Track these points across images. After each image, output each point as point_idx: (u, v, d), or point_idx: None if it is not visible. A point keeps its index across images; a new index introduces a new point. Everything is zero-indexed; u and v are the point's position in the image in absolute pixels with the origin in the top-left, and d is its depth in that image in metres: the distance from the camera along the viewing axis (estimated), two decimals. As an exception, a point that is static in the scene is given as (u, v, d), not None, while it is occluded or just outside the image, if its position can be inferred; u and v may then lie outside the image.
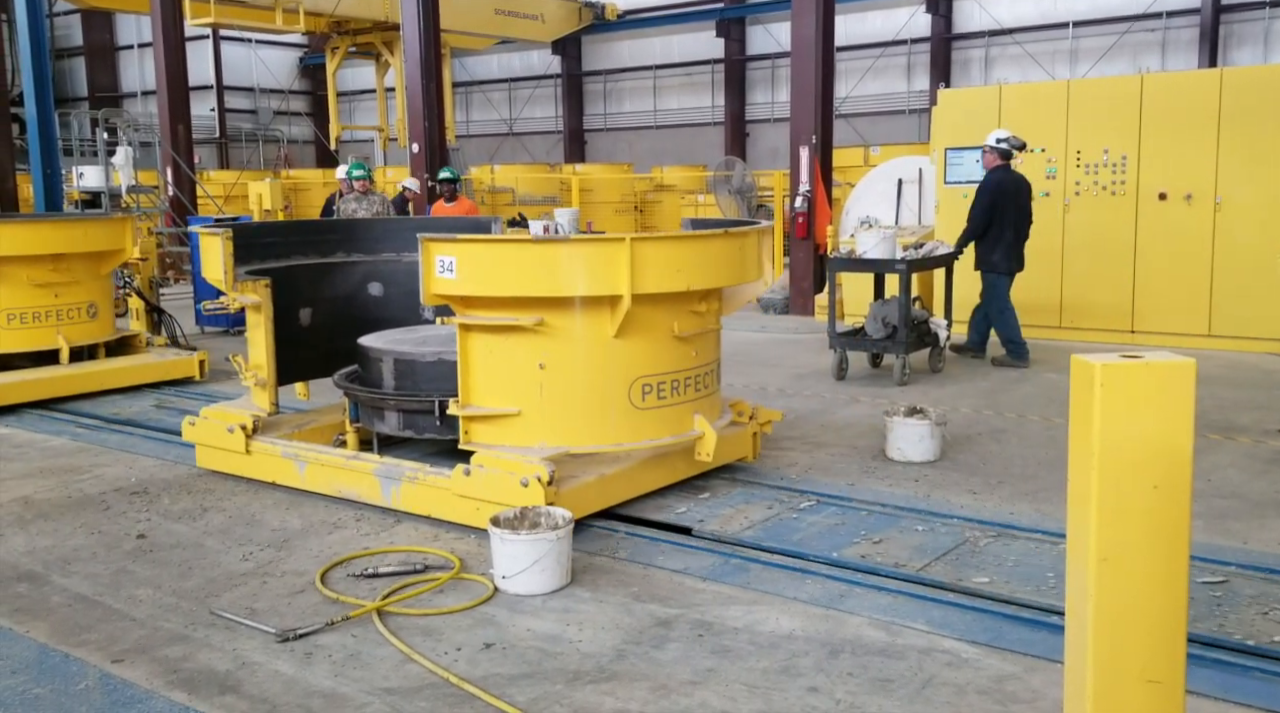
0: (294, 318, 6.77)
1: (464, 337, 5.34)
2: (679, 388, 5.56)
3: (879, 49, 27.63)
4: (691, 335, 5.55)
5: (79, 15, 35.55)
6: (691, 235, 5.70)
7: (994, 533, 5.12)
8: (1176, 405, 2.37)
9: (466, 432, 5.40)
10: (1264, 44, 22.81)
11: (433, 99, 16.40)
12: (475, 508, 5.18)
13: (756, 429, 6.30)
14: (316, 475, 5.89)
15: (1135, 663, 2.42)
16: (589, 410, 5.36)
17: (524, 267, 5.16)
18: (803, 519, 5.40)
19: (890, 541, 5.04)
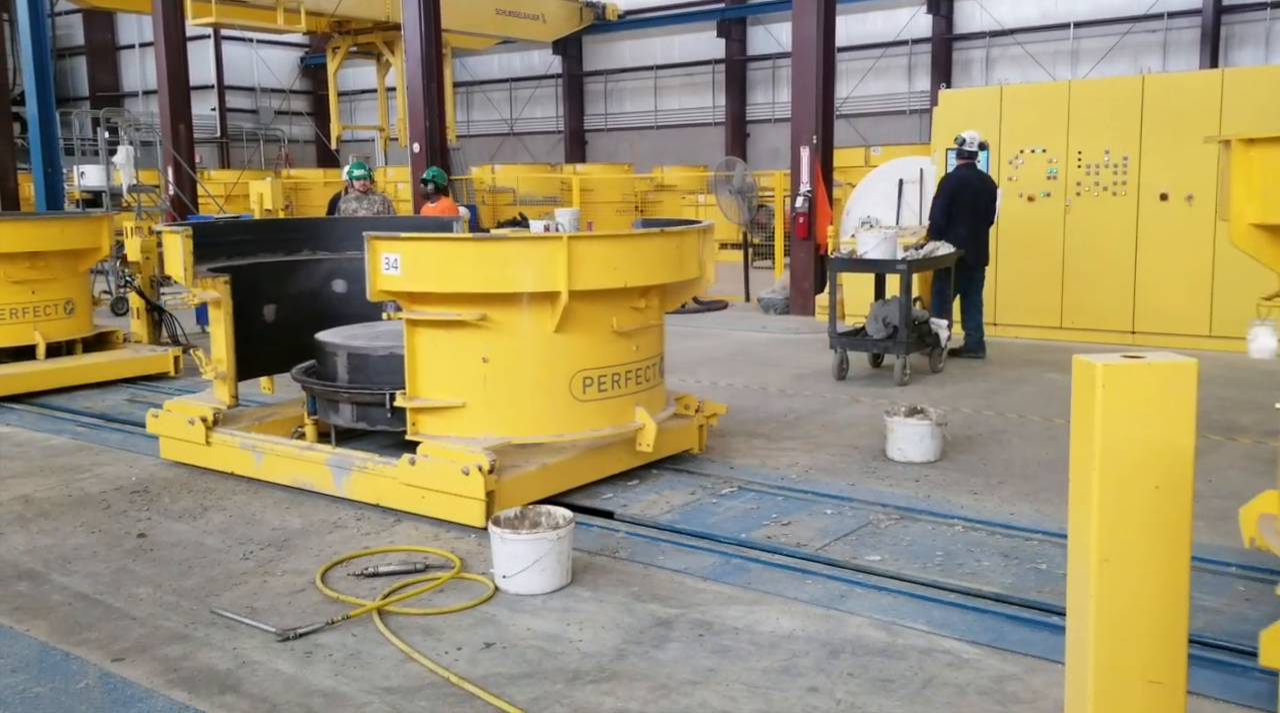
0: (258, 314, 6.97)
1: (410, 331, 5.55)
2: (620, 381, 5.78)
3: (880, 49, 27.64)
4: (632, 331, 5.77)
5: (80, 15, 35.59)
6: (627, 234, 5.93)
7: (896, 516, 5.39)
8: (1178, 406, 2.37)
9: (414, 423, 5.60)
10: (1265, 45, 22.81)
11: (434, 99, 16.41)
12: (420, 496, 5.39)
13: (703, 422, 6.52)
14: (272, 466, 6.08)
15: (1136, 664, 2.42)
16: (531, 402, 5.57)
17: (465, 264, 5.39)
18: (720, 504, 5.63)
19: (798, 524, 5.29)
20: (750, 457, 6.52)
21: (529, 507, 4.70)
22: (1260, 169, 3.41)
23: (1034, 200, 10.91)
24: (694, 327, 12.61)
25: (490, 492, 5.18)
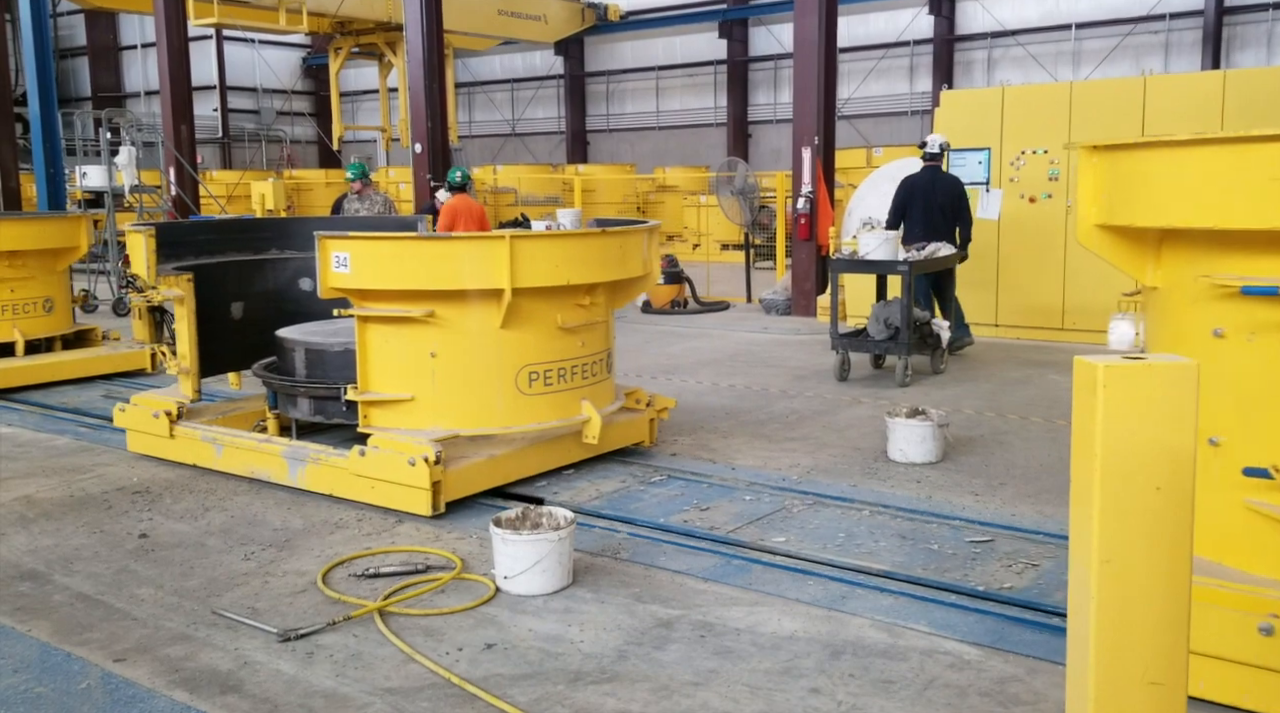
0: (226, 311, 7.18)
1: (361, 328, 5.76)
2: (566, 376, 6.00)
3: (882, 50, 27.64)
4: (577, 327, 5.98)
5: (82, 15, 35.63)
6: (568, 234, 6.25)
7: (809, 501, 5.68)
8: (1179, 407, 2.37)
9: (365, 416, 5.82)
10: (1267, 46, 22.80)
11: (436, 99, 16.41)
12: (370, 486, 5.61)
13: (653, 415, 6.74)
14: (232, 458, 6.30)
15: (1137, 665, 2.42)
16: (478, 396, 5.78)
17: (411, 262, 5.61)
18: (647, 492, 5.89)
19: (716, 509, 5.56)
20: (751, 458, 6.52)
21: (530, 508, 4.71)
22: (1103, 174, 3.64)
23: (1035, 201, 10.90)
24: (695, 327, 12.61)
25: (436, 482, 5.40)
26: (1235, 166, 3.20)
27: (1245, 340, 3.33)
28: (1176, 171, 3.37)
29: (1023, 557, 4.75)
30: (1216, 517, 3.42)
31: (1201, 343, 3.42)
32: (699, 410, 7.91)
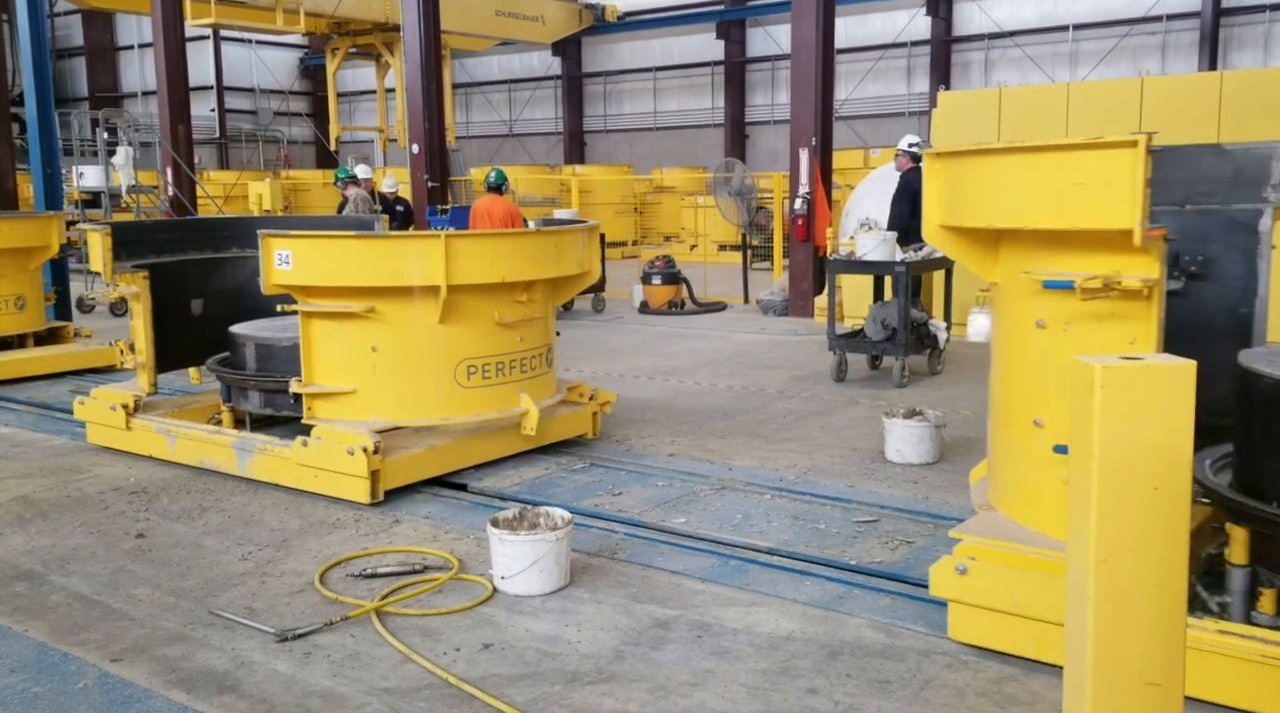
0: (186, 308, 7.39)
1: (305, 323, 6.00)
2: (504, 369, 6.23)
3: (879, 51, 27.66)
4: (515, 322, 6.22)
5: (79, 15, 35.59)
6: (503, 233, 6.59)
7: (718, 486, 5.96)
8: (1176, 408, 2.37)
9: (310, 408, 6.05)
10: (1264, 47, 22.83)
11: (433, 100, 16.42)
12: (314, 475, 5.82)
13: (596, 409, 6.99)
14: (185, 449, 6.55)
15: (1134, 666, 2.42)
16: (417, 388, 6.01)
17: (350, 260, 5.84)
18: (568, 479, 6.18)
19: (629, 494, 5.84)
20: (748, 458, 6.52)
21: (527, 508, 4.71)
22: (944, 178, 3.96)
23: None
24: (693, 328, 12.61)
25: (375, 471, 5.63)
26: (1038, 172, 3.52)
27: (1062, 330, 3.65)
28: (995, 177, 3.71)
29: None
30: (1040, 491, 3.80)
31: (1027, 333, 3.77)
32: (697, 411, 7.91)
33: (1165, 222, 4.03)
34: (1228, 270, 4.28)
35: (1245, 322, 4.27)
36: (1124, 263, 3.45)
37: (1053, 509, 3.72)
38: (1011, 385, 4.00)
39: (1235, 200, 4.28)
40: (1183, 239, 4.26)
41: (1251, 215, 4.22)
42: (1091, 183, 3.38)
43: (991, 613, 3.74)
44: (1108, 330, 3.54)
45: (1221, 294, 4.30)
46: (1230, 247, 4.26)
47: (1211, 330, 4.24)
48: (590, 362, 10.18)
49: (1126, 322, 3.51)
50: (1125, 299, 3.48)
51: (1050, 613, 3.50)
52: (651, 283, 14.33)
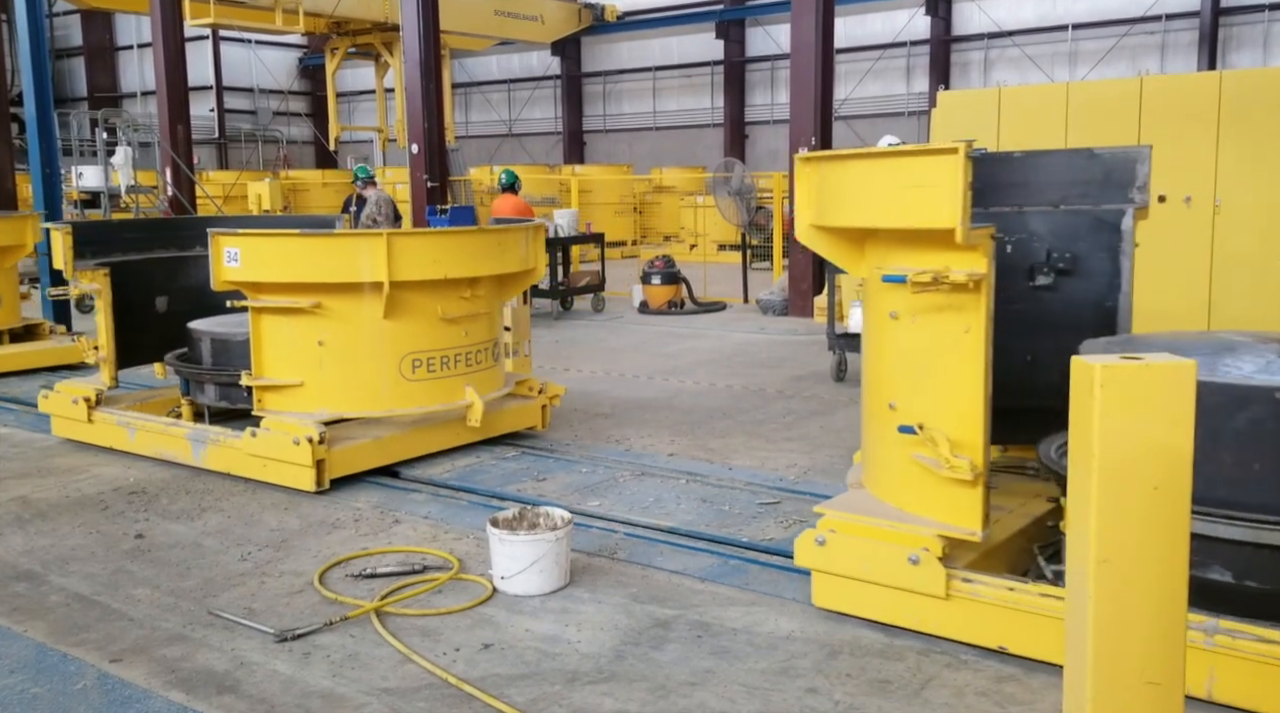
0: (151, 305, 7.61)
1: (255, 318, 6.22)
2: (449, 363, 6.45)
3: (878, 51, 27.66)
4: (459, 317, 6.43)
5: (78, 15, 35.57)
6: (445, 231, 6.86)
7: (638, 472, 6.25)
8: (1176, 406, 2.37)
9: (260, 400, 6.28)
10: (1263, 47, 22.83)
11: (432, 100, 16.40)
12: (263, 465, 6.07)
13: (545, 402, 7.20)
14: (143, 440, 6.78)
15: (1134, 665, 2.42)
16: (363, 381, 6.23)
17: (295, 257, 6.08)
18: (498, 466, 6.47)
19: (552, 480, 6.15)
20: (748, 458, 6.52)
21: (527, 508, 4.71)
22: (813, 181, 4.27)
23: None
24: (692, 328, 12.61)
25: (320, 460, 5.87)
26: (885, 176, 3.83)
27: (911, 321, 3.95)
28: (853, 180, 4.02)
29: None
30: (894, 468, 4.10)
31: (884, 323, 4.10)
32: (696, 411, 7.91)
33: (1040, 222, 4.67)
34: (1095, 266, 4.64)
35: (1111, 315, 4.64)
36: (953, 259, 3.70)
37: (905, 485, 4.05)
38: (873, 372, 4.29)
39: (1105, 201, 4.62)
40: (1054, 238, 4.65)
41: (1115, 215, 4.59)
42: (924, 186, 3.64)
43: (847, 580, 4.05)
44: (946, 321, 3.82)
45: (1089, 289, 4.65)
46: (1097, 244, 4.62)
47: (1080, 323, 4.58)
48: (589, 361, 10.18)
49: (962, 313, 3.77)
50: (957, 292, 3.73)
51: (896, 580, 3.90)
52: (651, 283, 14.33)
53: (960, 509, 3.84)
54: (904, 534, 3.89)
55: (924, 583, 3.83)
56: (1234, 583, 3.46)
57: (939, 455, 3.79)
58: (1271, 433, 3.40)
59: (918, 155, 3.70)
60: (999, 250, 4.49)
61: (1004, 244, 4.63)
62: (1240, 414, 3.43)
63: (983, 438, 3.76)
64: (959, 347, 3.78)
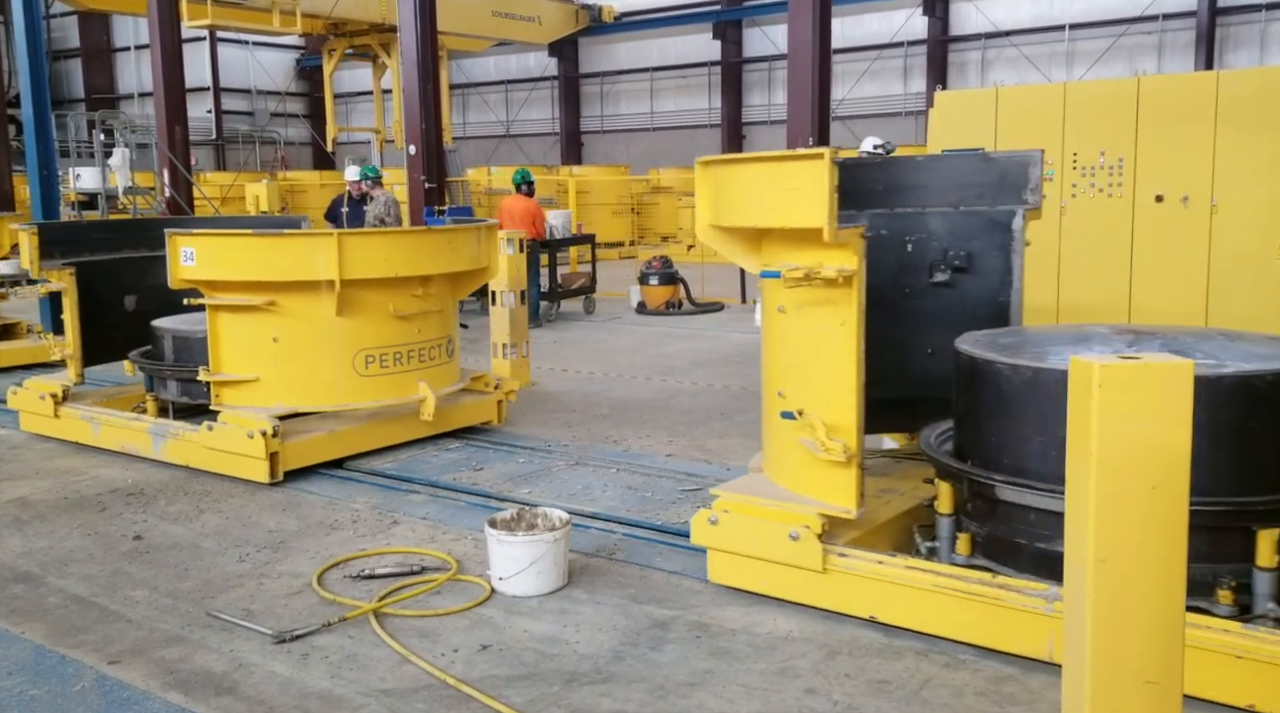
0: (120, 303, 7.78)
1: (211, 315, 6.41)
2: (402, 359, 6.62)
3: (876, 51, 27.66)
4: (411, 315, 6.61)
5: (76, 17, 35.52)
6: (394, 231, 7.19)
7: (573, 462, 6.47)
8: (1175, 406, 2.37)
9: (217, 395, 6.47)
10: (1260, 46, 22.85)
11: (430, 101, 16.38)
12: (220, 458, 6.27)
13: (501, 397, 7.43)
14: (107, 434, 6.97)
15: (1133, 664, 2.42)
16: (317, 376, 6.41)
17: (248, 256, 6.28)
18: (439, 457, 6.68)
19: (490, 469, 6.40)
20: (747, 458, 6.51)
21: (525, 509, 4.71)
22: (710, 184, 4.50)
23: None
24: (690, 328, 12.61)
25: (274, 453, 6.06)
26: (767, 179, 4.10)
27: (795, 315, 4.25)
28: (743, 183, 4.29)
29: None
30: (784, 452, 4.40)
31: (774, 317, 4.41)
32: (694, 411, 7.91)
33: (939, 222, 4.96)
34: (989, 264, 4.95)
35: (1004, 309, 4.95)
36: (826, 256, 3.97)
37: (791, 468, 4.35)
38: (767, 363, 4.60)
39: (1000, 203, 4.93)
40: (952, 237, 4.95)
41: (1007, 216, 4.91)
42: (797, 189, 3.91)
43: (737, 557, 4.34)
44: (824, 314, 4.10)
45: (983, 285, 4.96)
46: (991, 243, 4.93)
47: (975, 317, 4.87)
48: (587, 362, 10.18)
49: (838, 307, 4.04)
50: (830, 287, 4.00)
51: (779, 555, 4.19)
52: (649, 283, 14.34)
53: (837, 489, 4.12)
54: (786, 513, 4.18)
55: (803, 558, 4.11)
56: None
57: (816, 439, 4.07)
58: None
59: (790, 160, 3.99)
60: (900, 249, 4.98)
61: (906, 243, 4.98)
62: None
63: (856, 423, 4.03)
64: (835, 338, 4.06)
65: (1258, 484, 3.51)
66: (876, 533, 4.40)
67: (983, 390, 4.07)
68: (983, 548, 4.07)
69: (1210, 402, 3.49)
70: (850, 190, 4.82)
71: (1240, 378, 3.58)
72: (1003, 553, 3.98)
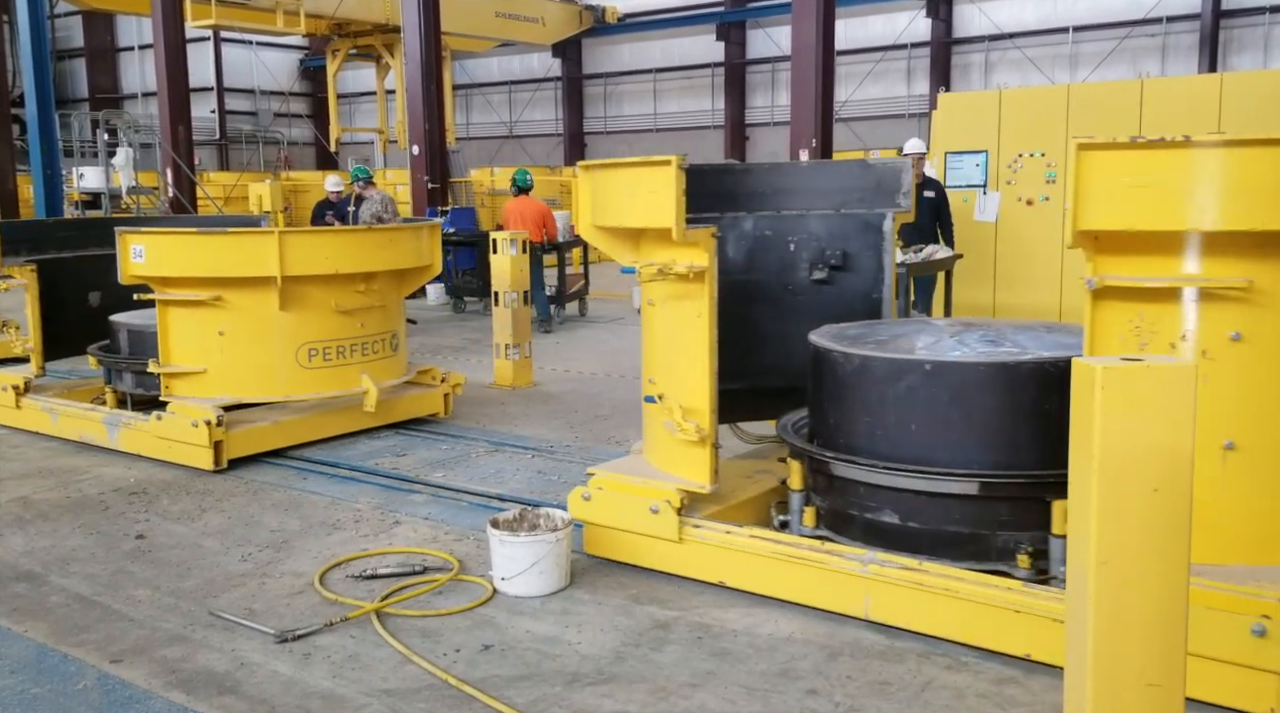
0: (85, 300, 8.08)
1: (161, 310, 6.68)
2: (345, 352, 6.92)
3: (879, 53, 27.65)
4: (354, 310, 6.90)
5: (80, 17, 35.57)
6: (335, 229, 7.65)
7: (492, 449, 6.85)
8: (1177, 408, 2.37)
9: (167, 386, 6.75)
10: (1264, 49, 22.83)
11: (433, 101, 16.42)
12: (168, 446, 6.58)
13: (448, 390, 7.71)
14: (65, 425, 7.28)
15: (1135, 667, 2.42)
16: (261, 369, 6.70)
17: (194, 253, 6.56)
18: (367, 444, 7.05)
19: (411, 455, 6.73)
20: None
21: (527, 509, 4.71)
22: (590, 186, 4.85)
23: (1033, 204, 10.91)
24: (693, 329, 12.58)
25: (218, 442, 6.36)
26: (631, 183, 4.50)
27: (661, 307, 4.64)
28: (614, 185, 4.66)
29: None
30: (653, 434, 4.81)
31: (646, 310, 4.81)
32: (696, 412, 7.90)
33: (819, 224, 5.42)
34: (863, 262, 5.40)
35: (877, 304, 5.40)
36: (679, 254, 4.36)
37: (659, 448, 4.78)
38: (643, 352, 4.96)
39: (876, 207, 5.38)
40: (830, 238, 5.41)
41: (879, 218, 5.37)
42: (653, 192, 4.29)
43: (607, 530, 4.68)
44: (684, 307, 4.46)
45: (859, 282, 5.42)
46: (865, 244, 5.39)
47: (852, 312, 5.31)
48: (589, 363, 10.18)
49: (694, 300, 4.38)
50: (684, 282, 4.40)
51: (642, 527, 4.55)
52: (651, 284, 14.30)
53: (694, 467, 4.50)
54: (649, 489, 4.56)
55: (662, 529, 4.49)
56: (900, 524, 4.15)
57: (674, 421, 4.46)
58: (924, 398, 4.09)
59: (647, 167, 4.38)
60: (784, 248, 5.43)
61: (789, 243, 5.44)
62: (900, 382, 4.15)
63: (710, 406, 4.41)
64: (692, 329, 4.42)
65: (1053, 459, 3.73)
66: (741, 508, 4.80)
67: (824, 377, 4.49)
68: (825, 520, 4.48)
69: (1010, 385, 4.00)
70: (739, 193, 5.44)
71: (1036, 364, 3.99)
72: (840, 524, 4.40)
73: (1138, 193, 3.40)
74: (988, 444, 4.02)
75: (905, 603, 3.94)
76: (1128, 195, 3.43)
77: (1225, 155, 3.29)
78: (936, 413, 4.06)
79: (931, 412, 4.06)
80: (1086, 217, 3.58)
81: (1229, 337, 3.46)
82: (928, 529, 4.08)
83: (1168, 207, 3.36)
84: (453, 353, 11.15)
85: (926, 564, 3.95)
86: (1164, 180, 3.35)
